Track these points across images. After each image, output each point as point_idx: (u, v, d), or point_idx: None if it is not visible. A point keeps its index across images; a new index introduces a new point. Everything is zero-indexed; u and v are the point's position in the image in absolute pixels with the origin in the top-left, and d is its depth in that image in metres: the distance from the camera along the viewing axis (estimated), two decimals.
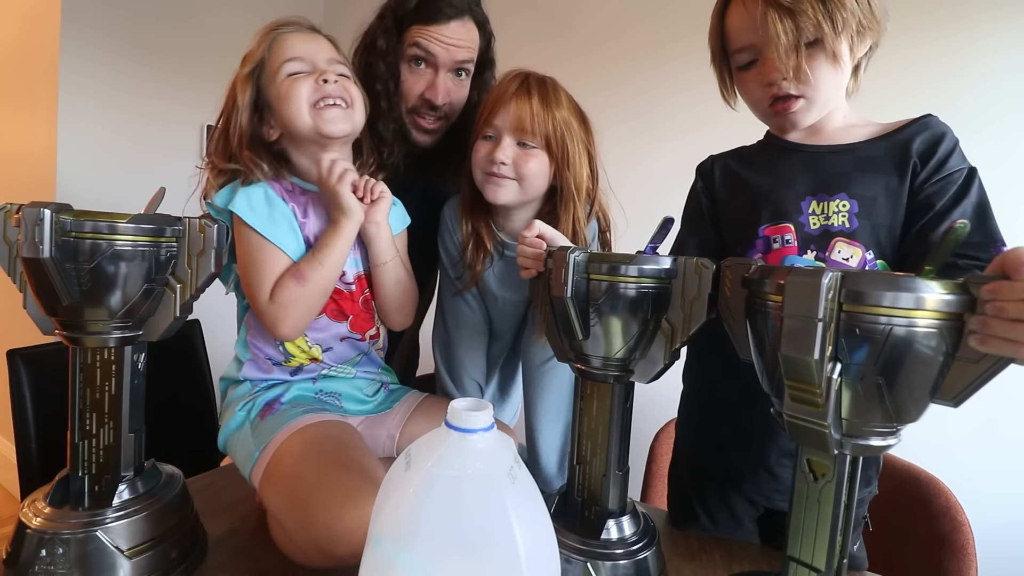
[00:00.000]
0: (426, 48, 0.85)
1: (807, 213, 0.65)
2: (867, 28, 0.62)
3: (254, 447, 0.64)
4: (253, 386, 0.74)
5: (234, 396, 0.74)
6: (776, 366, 0.43)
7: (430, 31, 0.85)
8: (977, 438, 1.26)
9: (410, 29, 0.86)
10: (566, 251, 0.49)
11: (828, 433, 0.38)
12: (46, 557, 0.48)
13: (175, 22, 1.83)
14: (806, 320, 0.37)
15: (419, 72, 0.88)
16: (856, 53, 0.63)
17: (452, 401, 0.38)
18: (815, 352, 0.37)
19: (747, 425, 0.68)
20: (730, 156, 0.76)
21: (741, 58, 0.67)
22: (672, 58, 1.62)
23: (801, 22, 0.59)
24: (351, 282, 0.76)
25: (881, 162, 0.63)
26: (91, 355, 0.52)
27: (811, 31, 0.59)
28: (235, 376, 0.75)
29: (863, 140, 0.66)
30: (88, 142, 1.64)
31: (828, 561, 0.41)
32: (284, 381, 0.74)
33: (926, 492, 0.88)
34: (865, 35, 0.62)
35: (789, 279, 0.38)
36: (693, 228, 0.77)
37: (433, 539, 0.34)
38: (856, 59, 0.64)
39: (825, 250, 0.64)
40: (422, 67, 0.88)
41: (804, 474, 0.42)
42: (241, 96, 0.69)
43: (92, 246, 0.48)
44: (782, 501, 0.68)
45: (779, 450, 0.67)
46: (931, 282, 0.37)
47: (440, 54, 0.86)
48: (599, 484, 0.54)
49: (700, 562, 0.64)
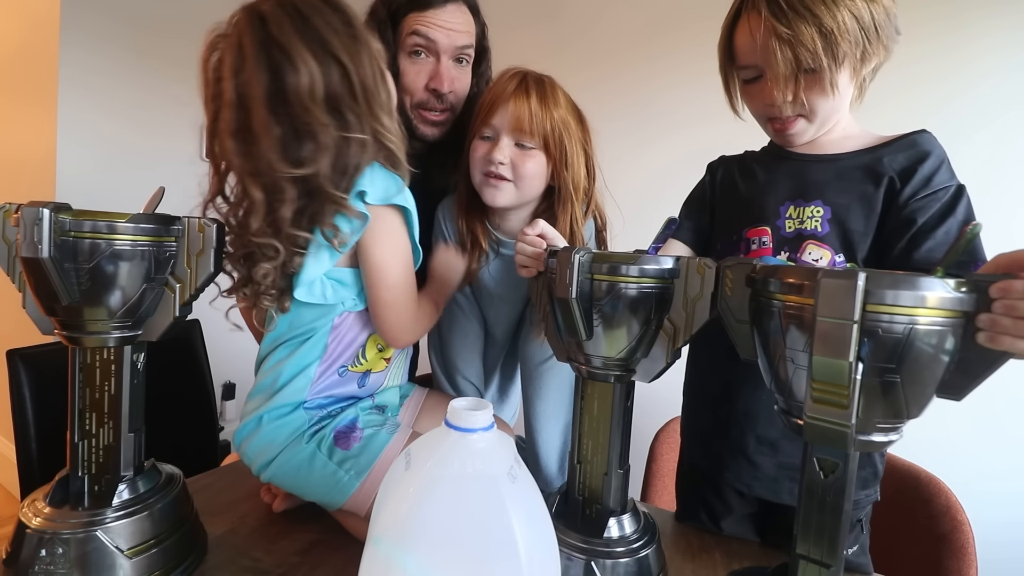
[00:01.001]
0: (425, 35, 0.84)
1: (784, 217, 0.68)
2: (872, 54, 0.62)
3: (351, 479, 0.62)
4: (309, 416, 0.66)
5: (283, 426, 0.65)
6: (782, 366, 0.43)
7: (427, 16, 0.84)
8: (978, 438, 1.27)
9: (406, 18, 0.85)
10: (570, 252, 0.49)
11: (850, 433, 0.38)
12: (46, 557, 0.48)
13: (175, 22, 1.83)
14: (841, 322, 0.37)
15: (421, 62, 0.86)
16: (859, 74, 0.64)
17: (452, 401, 0.38)
18: (850, 354, 0.37)
19: (726, 416, 0.72)
20: (735, 160, 0.78)
21: (746, 73, 0.68)
22: (669, 53, 1.62)
23: (800, 54, 0.59)
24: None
25: (859, 172, 0.65)
26: (90, 355, 0.51)
27: (809, 62, 0.59)
28: (298, 399, 0.66)
29: (849, 151, 0.68)
30: (87, 141, 1.64)
31: (838, 556, 0.42)
32: (348, 403, 0.69)
33: (926, 491, 0.88)
34: (870, 60, 0.62)
35: (822, 280, 0.37)
36: (691, 212, 0.80)
37: (433, 539, 0.34)
38: (860, 78, 0.65)
39: (797, 251, 0.66)
40: (423, 56, 0.86)
41: (814, 473, 0.42)
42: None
43: (91, 246, 0.48)
44: (761, 489, 0.70)
45: (757, 439, 0.70)
46: (948, 281, 0.37)
47: (441, 39, 0.84)
48: (600, 483, 0.54)
49: (700, 561, 0.64)
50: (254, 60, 0.57)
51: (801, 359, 0.41)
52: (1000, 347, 0.37)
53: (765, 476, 0.70)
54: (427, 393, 0.84)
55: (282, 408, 0.66)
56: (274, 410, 0.66)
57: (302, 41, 0.57)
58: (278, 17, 0.58)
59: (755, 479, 0.70)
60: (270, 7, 0.59)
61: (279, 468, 0.65)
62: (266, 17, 0.58)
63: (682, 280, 0.51)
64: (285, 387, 0.66)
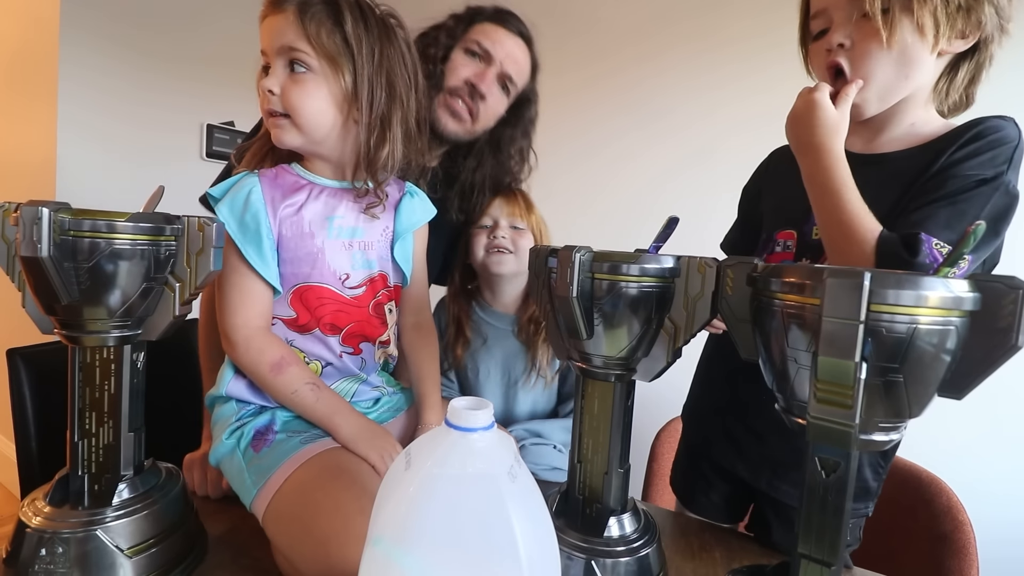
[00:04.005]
0: (488, 46, 0.93)
1: (812, 223, 0.65)
2: (959, 26, 0.55)
3: (251, 483, 0.60)
4: (239, 408, 0.67)
5: (219, 416, 0.68)
6: (784, 366, 0.42)
7: (497, 32, 0.94)
8: (979, 438, 1.26)
9: (478, 25, 0.95)
10: (571, 250, 0.49)
11: (853, 433, 0.38)
12: (46, 556, 0.48)
13: (175, 21, 1.82)
14: (848, 322, 0.36)
15: (472, 61, 0.94)
16: (941, 40, 0.56)
17: (452, 400, 0.38)
18: (856, 354, 0.36)
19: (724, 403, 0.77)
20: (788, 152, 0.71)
21: (815, 25, 0.64)
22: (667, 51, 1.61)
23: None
24: (359, 284, 0.70)
25: (910, 175, 0.59)
26: (90, 354, 0.51)
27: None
28: (219, 393, 0.68)
29: (900, 150, 0.61)
30: (87, 140, 1.64)
31: (839, 555, 0.42)
32: (272, 407, 0.68)
33: (927, 492, 0.88)
34: (957, 20, 0.55)
35: (829, 281, 0.37)
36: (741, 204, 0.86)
37: (433, 539, 0.34)
38: (941, 48, 0.57)
39: (817, 259, 0.64)
40: (476, 60, 0.94)
41: (816, 472, 0.42)
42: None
43: (91, 245, 0.48)
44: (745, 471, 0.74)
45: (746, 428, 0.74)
46: (951, 281, 0.37)
47: (498, 54, 0.93)
48: (600, 482, 0.54)
49: (700, 560, 0.64)
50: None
51: (803, 359, 0.41)
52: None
53: (749, 461, 0.73)
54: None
55: (219, 397, 0.69)
56: (216, 397, 0.69)
57: None
58: None
59: (740, 461, 0.74)
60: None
61: (215, 458, 0.66)
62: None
63: (683, 279, 0.51)
64: (221, 376, 0.69)
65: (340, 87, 0.65)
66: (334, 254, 0.68)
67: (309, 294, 0.68)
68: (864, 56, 0.58)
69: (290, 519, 0.56)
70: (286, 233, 0.67)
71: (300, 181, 0.69)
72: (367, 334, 0.72)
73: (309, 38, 0.63)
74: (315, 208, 0.68)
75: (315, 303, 0.68)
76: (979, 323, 0.38)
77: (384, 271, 0.73)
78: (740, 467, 0.73)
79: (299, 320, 0.68)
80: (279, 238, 0.66)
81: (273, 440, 0.64)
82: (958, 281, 0.37)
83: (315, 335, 0.69)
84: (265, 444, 0.63)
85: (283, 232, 0.66)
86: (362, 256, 0.71)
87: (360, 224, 0.71)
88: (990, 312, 0.38)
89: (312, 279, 0.68)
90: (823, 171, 0.58)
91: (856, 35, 0.58)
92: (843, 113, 0.58)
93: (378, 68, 0.66)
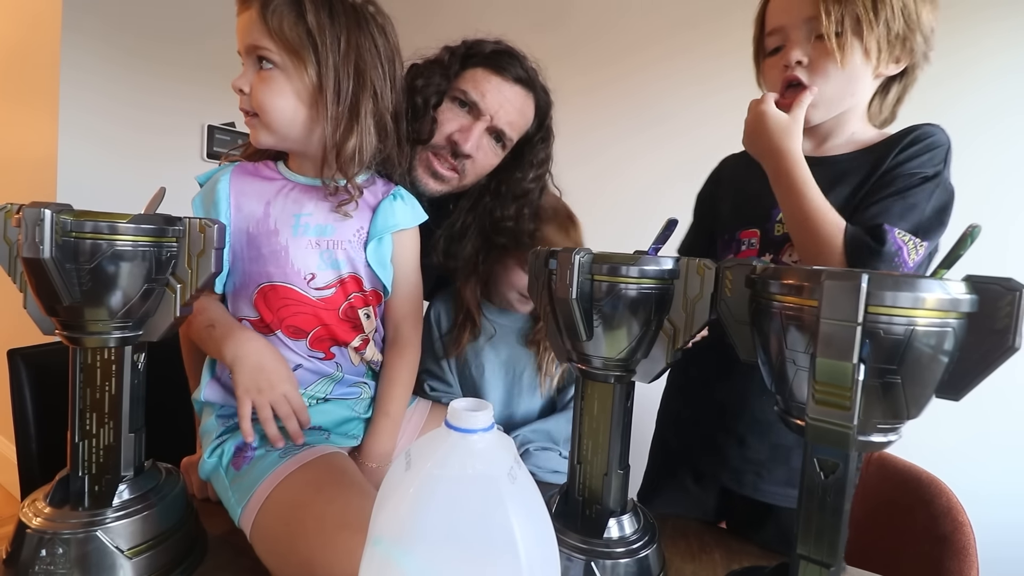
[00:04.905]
0: (474, 98, 0.81)
1: (774, 220, 0.70)
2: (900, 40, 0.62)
3: (235, 501, 0.59)
4: (220, 424, 0.66)
5: (204, 429, 0.67)
6: (783, 367, 0.43)
7: (489, 80, 0.82)
8: (979, 439, 1.26)
9: (471, 70, 0.83)
10: (571, 252, 0.49)
11: (852, 434, 0.38)
12: (46, 557, 0.48)
13: (176, 22, 1.83)
14: (845, 324, 0.37)
15: (458, 114, 0.83)
16: (881, 64, 0.64)
17: (452, 401, 0.38)
18: (854, 356, 0.37)
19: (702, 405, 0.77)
20: (741, 160, 0.79)
21: (771, 42, 0.69)
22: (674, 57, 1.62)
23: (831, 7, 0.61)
24: (327, 286, 0.67)
25: (854, 174, 0.66)
26: (91, 355, 0.51)
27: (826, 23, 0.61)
28: (198, 397, 0.68)
29: (845, 153, 0.68)
30: (89, 142, 1.64)
31: (838, 556, 0.42)
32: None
33: (927, 493, 0.87)
34: (895, 47, 0.63)
35: (826, 283, 0.37)
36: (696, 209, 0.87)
37: (433, 539, 0.34)
38: (879, 71, 0.65)
39: (779, 253, 0.69)
40: (464, 111, 0.83)
41: (815, 473, 0.42)
42: None
43: (92, 246, 0.48)
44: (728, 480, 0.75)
45: (726, 430, 0.74)
46: (948, 283, 0.37)
47: (489, 106, 0.82)
48: (600, 483, 0.54)
49: (700, 561, 0.64)
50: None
51: (802, 360, 0.41)
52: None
53: (731, 468, 0.74)
54: (431, 407, 0.82)
55: (203, 404, 0.68)
56: (199, 403, 0.69)
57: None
58: None
59: (721, 467, 0.75)
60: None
61: (204, 472, 0.65)
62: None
63: (682, 281, 0.51)
64: (201, 379, 0.68)
65: (304, 81, 0.63)
66: (299, 252, 0.66)
67: (273, 294, 0.66)
68: (819, 73, 0.64)
69: (275, 538, 0.56)
70: (251, 231, 0.66)
71: (273, 176, 0.69)
72: (337, 338, 0.69)
73: (271, 33, 0.61)
74: (282, 204, 0.66)
75: (278, 304, 0.66)
76: (976, 324, 0.38)
77: (356, 273, 0.69)
78: (724, 475, 0.75)
79: (263, 320, 0.67)
80: (245, 236, 0.66)
81: (252, 456, 0.63)
82: (955, 283, 0.38)
83: (277, 337, 0.67)
84: (244, 461, 0.63)
85: (248, 229, 0.66)
86: (330, 255, 0.67)
87: (330, 222, 0.67)
88: (987, 313, 0.38)
89: (276, 278, 0.66)
90: (784, 174, 0.64)
91: (813, 54, 0.64)
92: (795, 117, 0.64)
93: (344, 57, 0.63)
